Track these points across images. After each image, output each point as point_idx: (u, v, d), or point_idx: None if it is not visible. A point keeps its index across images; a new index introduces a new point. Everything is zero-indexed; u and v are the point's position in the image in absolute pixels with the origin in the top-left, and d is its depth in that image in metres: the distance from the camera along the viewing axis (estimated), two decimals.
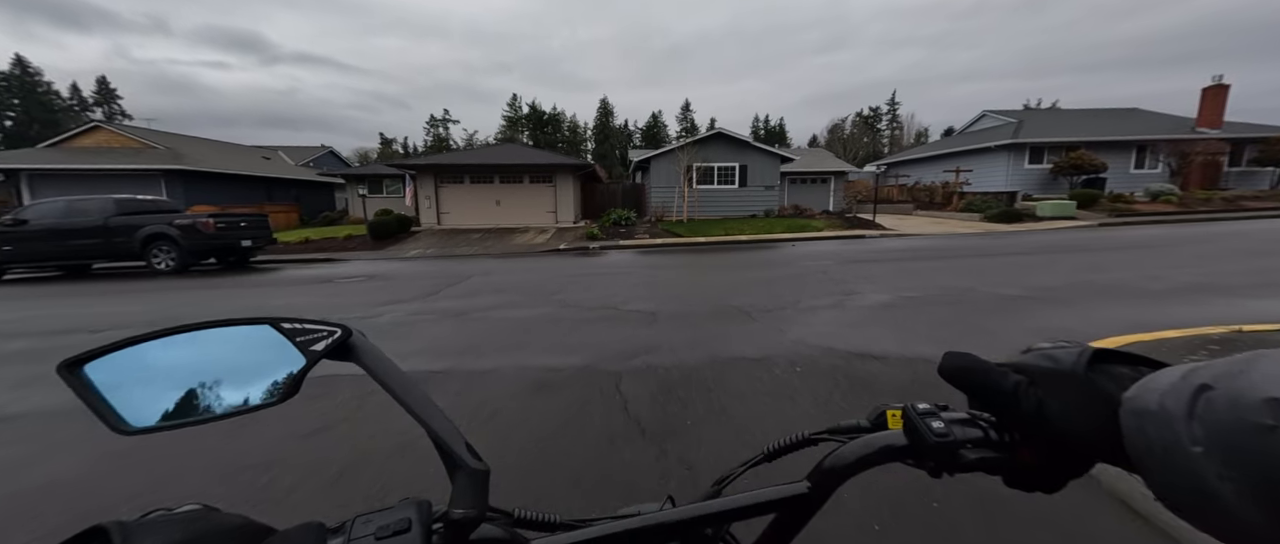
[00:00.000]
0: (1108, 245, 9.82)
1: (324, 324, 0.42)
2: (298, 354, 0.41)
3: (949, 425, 0.40)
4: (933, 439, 0.39)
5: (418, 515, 0.36)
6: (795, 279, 7.18)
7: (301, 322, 0.43)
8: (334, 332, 0.42)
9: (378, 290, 7.49)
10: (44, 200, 11.33)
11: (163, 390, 0.39)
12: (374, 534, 0.34)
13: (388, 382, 0.41)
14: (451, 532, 0.36)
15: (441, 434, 0.39)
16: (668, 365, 3.58)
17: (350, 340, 0.42)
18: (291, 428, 2.76)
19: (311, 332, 0.42)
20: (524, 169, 19.00)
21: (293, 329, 0.42)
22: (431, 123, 66.69)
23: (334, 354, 0.42)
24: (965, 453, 0.38)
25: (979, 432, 0.40)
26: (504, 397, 3.13)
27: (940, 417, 0.41)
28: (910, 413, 0.42)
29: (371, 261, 11.86)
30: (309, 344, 0.42)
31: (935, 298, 5.59)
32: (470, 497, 0.37)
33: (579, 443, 2.49)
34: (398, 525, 0.35)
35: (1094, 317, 4.57)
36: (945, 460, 0.39)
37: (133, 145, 21.60)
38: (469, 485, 0.38)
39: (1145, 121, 23.05)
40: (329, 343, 0.42)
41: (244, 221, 11.40)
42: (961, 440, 0.39)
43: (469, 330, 4.85)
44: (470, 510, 0.36)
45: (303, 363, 0.41)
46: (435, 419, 0.40)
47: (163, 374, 0.40)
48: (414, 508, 0.36)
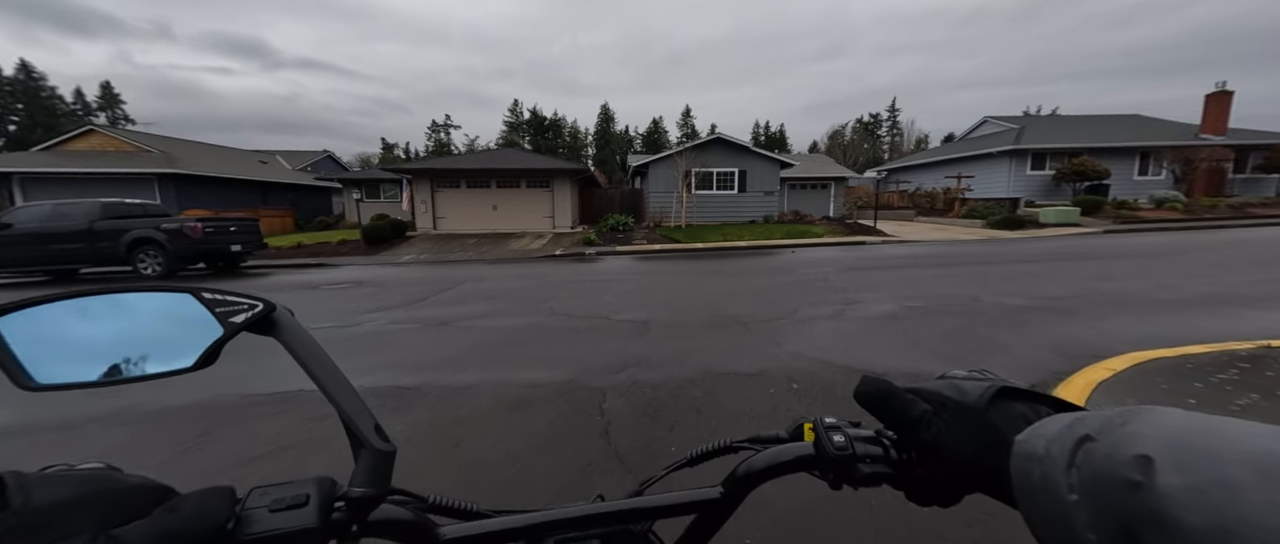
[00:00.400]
0: (1114, 253, 9.59)
1: (247, 297, 0.43)
2: (216, 325, 0.42)
3: (850, 441, 0.42)
4: (833, 452, 0.41)
5: (318, 491, 0.36)
6: (794, 287, 6.95)
7: (224, 293, 0.43)
8: (255, 305, 0.43)
9: (363, 297, 7.26)
10: (28, 204, 11.14)
11: (76, 350, 0.40)
12: (268, 506, 0.35)
13: (304, 359, 0.42)
14: (352, 509, 0.36)
15: (350, 413, 0.40)
16: (656, 382, 3.34)
17: (273, 315, 0.43)
18: (242, 449, 2.53)
19: (233, 304, 0.43)
20: (521, 174, 18.83)
21: (213, 299, 0.43)
22: (433, 128, 66.79)
23: (255, 327, 0.42)
24: (862, 467, 0.40)
25: (879, 448, 0.42)
26: (478, 416, 2.89)
27: (844, 432, 0.43)
28: (817, 426, 0.44)
29: (362, 267, 11.65)
30: (229, 315, 0.42)
31: (940, 308, 5.36)
32: (371, 476, 0.37)
33: (550, 473, 2.25)
34: (295, 500, 0.35)
35: (1106, 328, 4.33)
36: (844, 472, 0.41)
37: (127, 149, 21.48)
38: (371, 465, 0.38)
39: (1147, 128, 22.87)
40: (249, 316, 0.42)
41: (234, 226, 11.19)
42: (860, 455, 0.41)
43: (451, 341, 4.62)
44: (370, 489, 0.36)
45: (221, 333, 0.42)
46: (346, 399, 0.41)
47: (78, 335, 0.40)
48: (315, 484, 0.36)
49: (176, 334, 0.42)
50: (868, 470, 0.40)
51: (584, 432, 2.65)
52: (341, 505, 0.36)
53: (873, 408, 0.41)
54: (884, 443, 0.42)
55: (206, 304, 0.42)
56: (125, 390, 3.40)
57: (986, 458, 0.33)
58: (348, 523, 0.36)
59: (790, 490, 1.99)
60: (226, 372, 3.71)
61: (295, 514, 0.35)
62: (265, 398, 3.21)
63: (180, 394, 3.29)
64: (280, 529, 0.34)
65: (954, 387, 0.38)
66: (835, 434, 0.42)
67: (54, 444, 2.63)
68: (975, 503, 0.40)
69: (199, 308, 0.42)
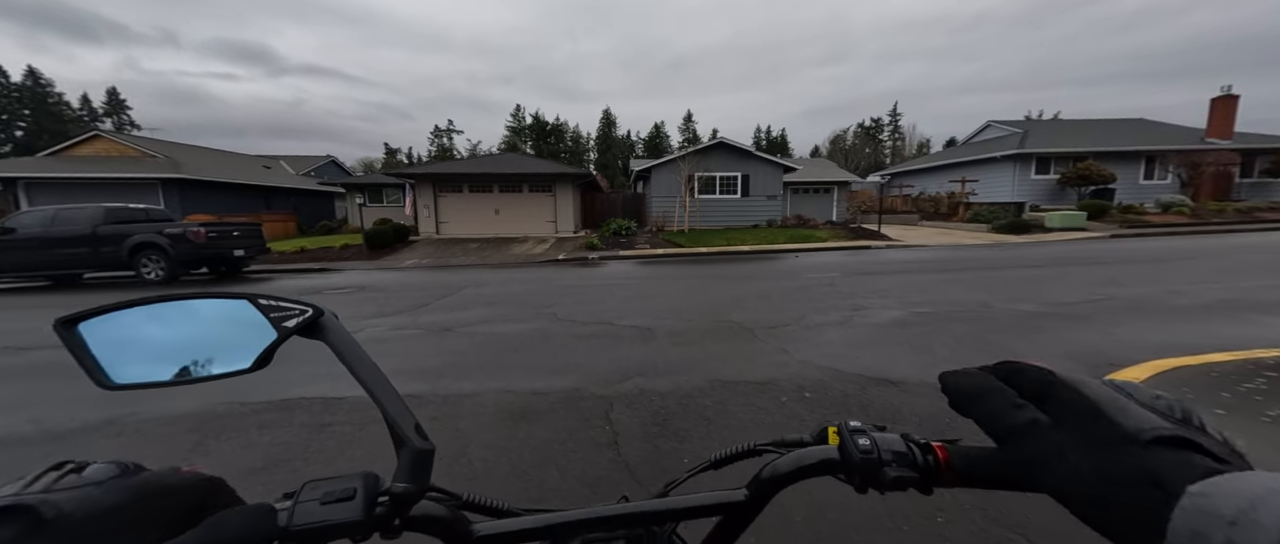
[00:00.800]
0: (1123, 258, 9.47)
1: (298, 303, 0.46)
2: (271, 329, 0.45)
3: (875, 444, 0.42)
4: (858, 456, 0.41)
5: (363, 486, 0.38)
6: (800, 292, 6.86)
7: (277, 299, 0.46)
8: (305, 311, 0.46)
9: (365, 302, 7.20)
10: (31, 209, 11.15)
11: (146, 353, 0.43)
12: (319, 500, 0.37)
13: (350, 361, 0.44)
14: (394, 504, 0.38)
15: (392, 413, 0.42)
16: (664, 391, 3.26)
17: (320, 320, 0.46)
18: (239, 460, 2.45)
19: (285, 309, 0.45)
20: (523, 178, 18.82)
21: (268, 305, 0.45)
22: (436, 133, 67.03)
23: (304, 332, 0.45)
24: (888, 471, 0.40)
25: (905, 452, 0.42)
26: (480, 427, 2.81)
27: (869, 435, 0.43)
28: (842, 430, 0.44)
29: (365, 272, 11.60)
30: (282, 320, 0.45)
31: (950, 314, 5.27)
32: (413, 472, 0.39)
33: (559, 489, 2.17)
34: (343, 493, 0.37)
35: (1122, 335, 4.23)
36: (869, 476, 0.41)
37: (131, 154, 21.57)
38: (412, 462, 0.40)
39: (1152, 132, 22.76)
40: (300, 321, 0.45)
41: (237, 230, 11.17)
42: (886, 459, 0.41)
43: (453, 348, 4.55)
44: (411, 485, 0.38)
45: (274, 337, 0.45)
46: (389, 399, 0.43)
47: (148, 338, 0.44)
48: (361, 479, 0.38)
49: (235, 337, 0.44)
50: (893, 475, 0.40)
51: (592, 443, 2.57)
52: (385, 500, 0.38)
53: (962, 407, 0.38)
54: (911, 446, 0.42)
55: (261, 309, 0.45)
56: (120, 399, 3.34)
57: (1122, 499, 0.26)
58: (390, 517, 0.38)
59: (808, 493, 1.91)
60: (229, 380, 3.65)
61: (343, 507, 0.36)
62: (265, 406, 3.14)
63: (177, 402, 3.22)
64: (330, 521, 0.36)
65: (1111, 399, 0.30)
66: (860, 438, 0.42)
67: (47, 456, 2.56)
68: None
69: (255, 313, 0.45)
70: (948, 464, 0.41)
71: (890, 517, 1.87)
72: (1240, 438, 0.29)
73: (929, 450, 0.42)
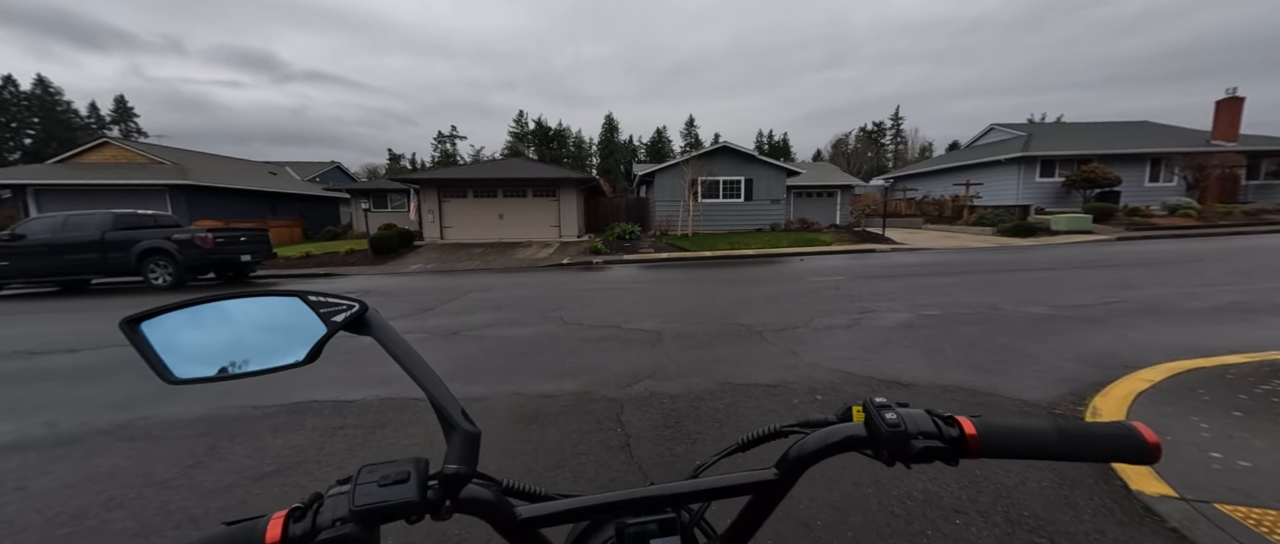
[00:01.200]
0: (1131, 260, 9.41)
1: (344, 298, 0.48)
2: (320, 324, 0.47)
3: (902, 418, 0.44)
4: (886, 430, 0.43)
5: (416, 469, 0.40)
6: (807, 295, 6.84)
7: (324, 296, 0.48)
8: (352, 306, 0.48)
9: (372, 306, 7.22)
10: (41, 215, 11.25)
11: (204, 349, 0.46)
12: (377, 481, 0.39)
13: (397, 352, 0.47)
14: (444, 486, 0.40)
15: (440, 399, 0.44)
16: (674, 393, 3.25)
17: (366, 315, 0.48)
18: (251, 465, 2.45)
19: (333, 305, 0.47)
20: (527, 183, 18.88)
21: (317, 302, 0.47)
22: (439, 139, 67.38)
23: (351, 327, 0.47)
24: (915, 443, 0.42)
25: (931, 425, 0.44)
26: (492, 430, 2.80)
27: (895, 410, 0.45)
28: (869, 406, 0.46)
29: (370, 277, 11.64)
30: (330, 315, 0.47)
31: (959, 316, 5.24)
32: (461, 455, 0.41)
33: (572, 490, 2.16)
34: (398, 476, 0.39)
35: (1135, 337, 4.20)
36: (897, 450, 0.43)
37: (140, 161, 21.75)
38: (461, 445, 0.42)
39: (1156, 135, 22.68)
40: (347, 316, 0.47)
41: (244, 236, 11.23)
42: (913, 432, 0.43)
43: (461, 351, 4.55)
44: (461, 467, 0.40)
45: (324, 331, 0.47)
46: (435, 386, 0.45)
47: (206, 335, 0.46)
48: (413, 463, 0.41)
49: (287, 333, 0.47)
50: (921, 446, 0.42)
51: (604, 445, 2.56)
52: (434, 483, 0.40)
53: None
54: (936, 421, 0.44)
55: (312, 306, 0.48)
56: (135, 402, 3.35)
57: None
58: (441, 500, 0.40)
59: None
60: (241, 383, 3.66)
61: (399, 489, 0.39)
62: (279, 409, 3.14)
63: (191, 406, 3.23)
64: (390, 501, 0.38)
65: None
66: (887, 412, 0.44)
67: (53, 464, 2.57)
68: None
69: (305, 310, 0.47)
70: (975, 438, 0.44)
71: (909, 519, 1.85)
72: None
73: (954, 424, 0.44)
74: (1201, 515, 1.80)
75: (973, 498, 1.98)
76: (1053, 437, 0.44)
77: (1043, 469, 2.18)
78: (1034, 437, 0.44)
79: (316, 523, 0.38)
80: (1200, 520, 1.78)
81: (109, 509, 2.12)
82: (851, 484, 2.10)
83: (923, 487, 2.06)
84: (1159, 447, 0.43)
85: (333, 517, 0.38)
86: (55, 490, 2.27)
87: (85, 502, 2.17)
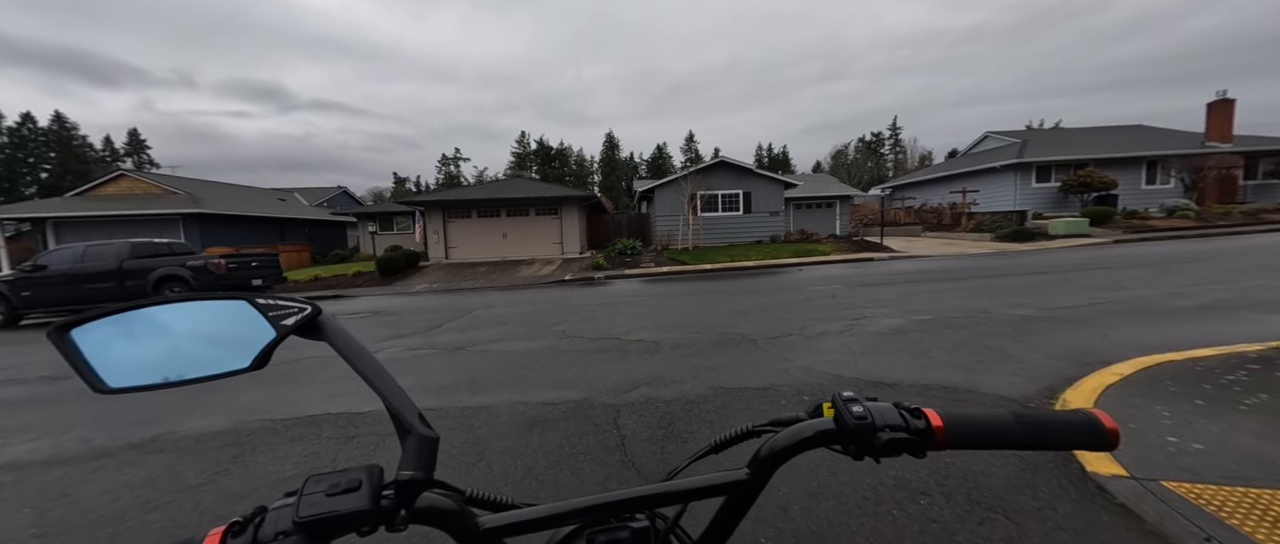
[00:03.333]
0: (1126, 263, 9.53)
1: (295, 302, 0.46)
2: (269, 328, 0.45)
3: (869, 411, 0.44)
4: (853, 423, 0.43)
5: (368, 477, 0.38)
6: (803, 304, 7.01)
7: (275, 298, 0.46)
8: (304, 309, 0.46)
9: (380, 326, 7.44)
10: (61, 246, 11.65)
11: (143, 355, 0.44)
12: (325, 491, 0.37)
13: (350, 356, 0.46)
14: (400, 493, 0.38)
15: (394, 402, 0.43)
16: (669, 398, 3.42)
17: (319, 319, 0.46)
18: (273, 471, 2.64)
19: (283, 308, 0.46)
20: (530, 202, 19.26)
21: (266, 305, 0.46)
22: (443, 161, 68.62)
23: (303, 331, 0.46)
24: (882, 435, 0.43)
25: (898, 418, 0.44)
26: (496, 435, 2.99)
27: (863, 403, 0.45)
28: (837, 401, 0.46)
29: (378, 297, 11.90)
30: (280, 319, 0.45)
31: (949, 320, 5.39)
32: (417, 460, 0.39)
33: (572, 486, 2.33)
34: (349, 484, 0.37)
35: (1116, 336, 4.34)
36: (864, 443, 0.43)
37: (154, 191, 22.39)
38: (417, 450, 0.40)
39: (1152, 138, 22.88)
40: (299, 319, 0.46)
41: (255, 261, 11.58)
42: (879, 425, 0.43)
43: (467, 365, 4.74)
44: (418, 473, 0.39)
45: (273, 336, 0.45)
46: (390, 389, 0.44)
47: (145, 341, 0.44)
48: (365, 471, 0.39)
49: (233, 338, 0.45)
50: (887, 438, 0.42)
51: (602, 446, 2.73)
52: (390, 493, 0.39)
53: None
54: (903, 414, 0.45)
55: (260, 309, 0.45)
56: (160, 418, 3.55)
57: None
58: (396, 509, 0.38)
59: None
60: (259, 397, 3.87)
61: (349, 498, 0.37)
62: (295, 422, 3.34)
63: (214, 419, 3.43)
64: (338, 511, 0.36)
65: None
66: (854, 405, 0.45)
67: (93, 474, 2.77)
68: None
69: (253, 313, 0.45)
70: (941, 429, 0.44)
71: (878, 501, 2.01)
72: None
73: (920, 416, 0.45)
74: (1149, 492, 1.95)
75: (939, 482, 2.13)
76: (1015, 426, 0.45)
77: (1008, 455, 2.33)
78: (998, 427, 0.45)
79: (258, 537, 0.35)
80: (1147, 496, 1.93)
81: (146, 512, 2.31)
82: (829, 473, 2.26)
83: (894, 474, 2.22)
84: (1117, 433, 0.44)
85: (275, 530, 0.36)
86: (96, 497, 2.46)
87: (124, 506, 2.37)
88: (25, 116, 51.62)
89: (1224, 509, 1.80)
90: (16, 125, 51.04)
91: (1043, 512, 1.90)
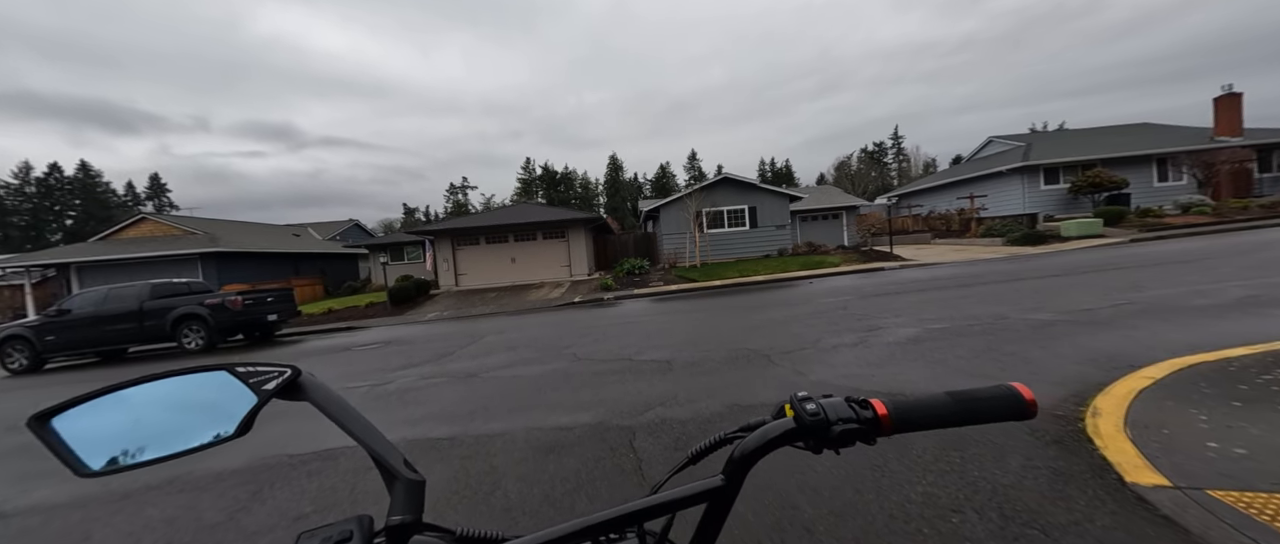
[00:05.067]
0: (1143, 262, 9.33)
1: (274, 366, 0.47)
2: (250, 394, 0.46)
3: (821, 407, 0.48)
4: (808, 419, 0.47)
5: (359, 527, 0.40)
6: (815, 317, 6.93)
7: (254, 365, 0.48)
8: (284, 372, 0.47)
9: (393, 355, 7.48)
10: (85, 290, 11.94)
11: (125, 435, 0.44)
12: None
13: (333, 413, 0.47)
14: (392, 539, 0.39)
15: (379, 451, 0.44)
16: (684, 418, 3.37)
17: (299, 380, 0.47)
18: (291, 507, 2.63)
19: (263, 373, 0.47)
20: (536, 226, 19.47)
21: (246, 372, 0.47)
22: (451, 190, 69.90)
23: (285, 393, 0.47)
24: (835, 428, 0.46)
25: (849, 411, 0.48)
26: (512, 462, 2.95)
27: (816, 401, 0.49)
28: (793, 401, 0.50)
29: (390, 327, 11.99)
30: (262, 384, 0.47)
31: (965, 328, 5.29)
32: (406, 504, 0.41)
33: (589, 512, 2.28)
34: (340, 536, 0.39)
35: (1141, 337, 4.22)
36: (821, 436, 0.47)
37: (174, 233, 23.03)
38: (405, 495, 0.41)
39: (1159, 135, 22.67)
40: (279, 382, 0.47)
41: (270, 297, 11.75)
42: (832, 419, 0.47)
43: (480, 392, 4.73)
44: (407, 517, 0.40)
45: (254, 402, 0.46)
46: (374, 440, 0.45)
47: (126, 420, 0.44)
48: (356, 522, 0.40)
49: (216, 408, 0.46)
50: (840, 430, 0.46)
51: (618, 470, 2.69)
52: (381, 540, 0.40)
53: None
54: (853, 407, 0.49)
55: (240, 377, 0.47)
56: (178, 460, 3.57)
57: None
58: None
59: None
60: (275, 433, 3.88)
61: None
62: (312, 456, 3.34)
63: (231, 458, 3.44)
64: None
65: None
66: (808, 403, 0.49)
67: (113, 516, 2.77)
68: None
69: (233, 381, 0.47)
70: (887, 416, 0.48)
71: (907, 519, 1.95)
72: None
73: (868, 407, 0.49)
74: (1193, 501, 1.87)
75: (969, 497, 2.06)
76: (951, 405, 0.49)
77: (1040, 466, 2.25)
78: (936, 408, 0.49)
79: None
80: (1191, 506, 1.84)
81: None
82: (854, 491, 2.20)
83: (922, 491, 2.15)
84: (1035, 403, 0.49)
85: None
86: (118, 538, 2.46)
87: None
88: (52, 166, 53.78)
89: (1279, 519, 1.72)
90: (45, 175, 53.16)
91: (1081, 526, 1.82)
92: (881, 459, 2.47)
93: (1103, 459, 2.26)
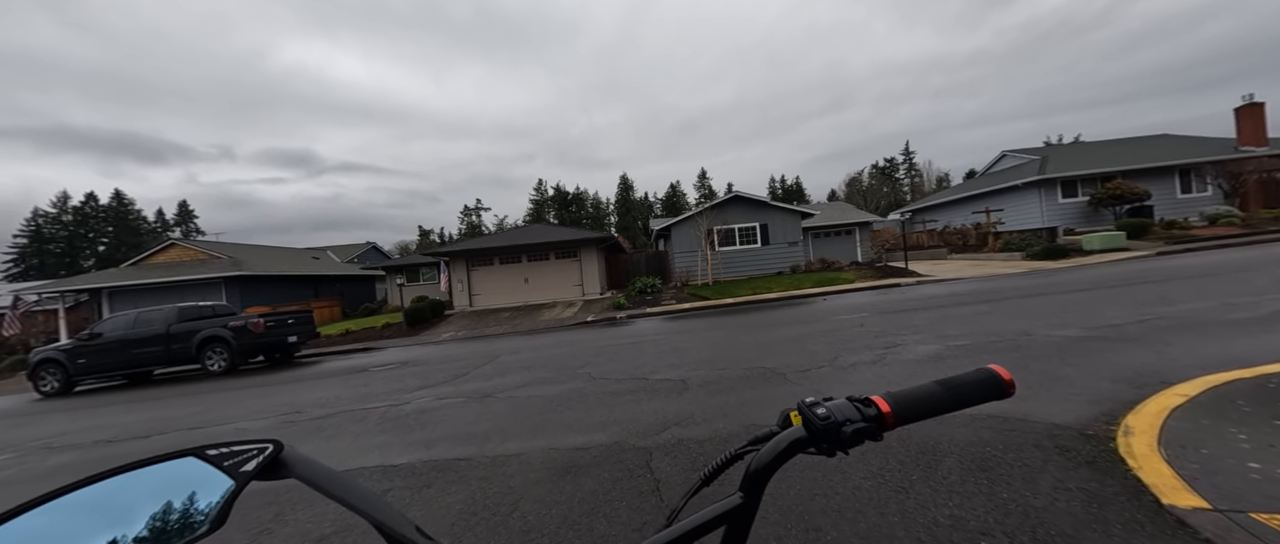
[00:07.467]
0: (1172, 275, 9.06)
1: (252, 444, 0.42)
2: (225, 479, 0.41)
3: (831, 411, 0.49)
4: (820, 424, 0.47)
5: None
6: (831, 334, 6.84)
7: (229, 445, 0.43)
8: (264, 448, 0.42)
9: (409, 376, 7.55)
10: (115, 315, 12.35)
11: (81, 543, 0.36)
12: None
13: (326, 487, 0.42)
14: None
15: (387, 521, 0.41)
16: (701, 438, 3.34)
17: (282, 456, 0.43)
18: (312, 529, 2.65)
19: (240, 453, 0.42)
20: (549, 246, 19.69)
21: (219, 455, 0.42)
22: (465, 212, 71.26)
23: (266, 473, 0.42)
24: (845, 429, 0.47)
25: (855, 412, 0.49)
26: (530, 483, 2.95)
27: (824, 405, 0.49)
28: (802, 407, 0.50)
29: (406, 348, 12.13)
30: (238, 466, 0.42)
31: (989, 345, 5.17)
32: None
33: (608, 536, 2.27)
34: None
35: (1173, 354, 4.08)
36: (832, 439, 0.47)
37: (200, 257, 23.81)
38: None
39: (1179, 146, 22.24)
40: (259, 461, 0.42)
41: (290, 319, 12.02)
42: (841, 421, 0.47)
43: (495, 412, 4.74)
44: None
45: (231, 486, 0.41)
46: (379, 510, 0.42)
47: (81, 527, 0.37)
48: None
49: (185, 499, 0.40)
50: (851, 430, 0.47)
51: (636, 491, 2.66)
52: None
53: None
54: (857, 406, 0.50)
55: (212, 461, 0.41)
56: None
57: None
58: None
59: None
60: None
61: None
62: None
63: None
64: None
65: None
66: (817, 408, 0.49)
67: None
68: None
69: (204, 467, 0.41)
70: (889, 412, 0.50)
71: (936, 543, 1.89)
72: None
73: (871, 404, 0.51)
74: (1236, 525, 1.79)
75: (999, 520, 2.00)
76: (942, 393, 0.52)
77: (1072, 488, 2.18)
78: (930, 398, 0.51)
79: None
80: (1234, 529, 1.76)
81: None
82: (878, 513, 2.15)
83: (949, 513, 2.09)
84: (1012, 383, 0.53)
85: None
86: None
87: None
88: (89, 196, 56.37)
89: None
90: (81, 204, 55.67)
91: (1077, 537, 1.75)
92: (906, 480, 2.42)
93: (1137, 480, 2.18)
